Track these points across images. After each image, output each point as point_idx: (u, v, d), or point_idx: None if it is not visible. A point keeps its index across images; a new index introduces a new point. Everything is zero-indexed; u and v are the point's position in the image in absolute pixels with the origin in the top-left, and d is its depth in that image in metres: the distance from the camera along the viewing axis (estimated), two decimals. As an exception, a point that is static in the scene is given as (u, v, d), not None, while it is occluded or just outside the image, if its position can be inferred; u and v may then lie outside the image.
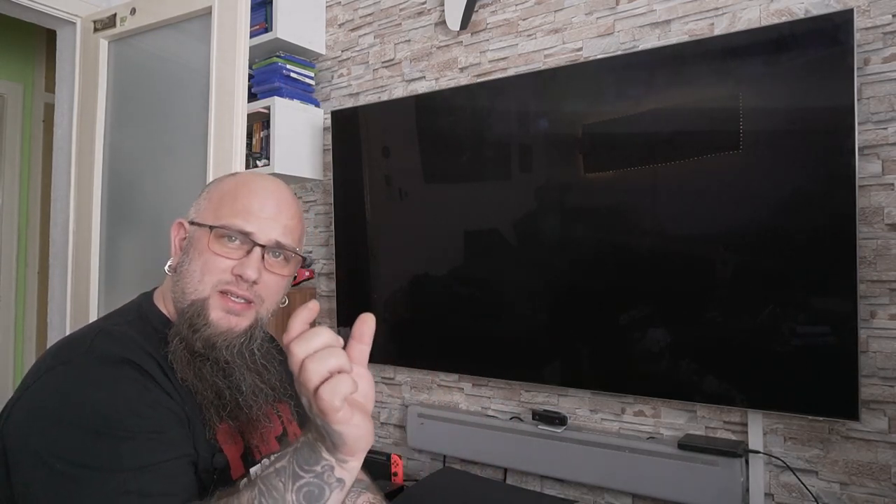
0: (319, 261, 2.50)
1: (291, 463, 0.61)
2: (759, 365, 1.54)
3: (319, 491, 0.61)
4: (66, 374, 0.70)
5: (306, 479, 0.61)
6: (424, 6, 2.24)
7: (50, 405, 0.68)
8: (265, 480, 0.62)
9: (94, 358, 0.72)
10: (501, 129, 1.95)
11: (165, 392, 0.74)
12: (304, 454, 0.61)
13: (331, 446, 0.61)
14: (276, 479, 0.61)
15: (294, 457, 0.62)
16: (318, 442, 0.61)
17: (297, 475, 0.61)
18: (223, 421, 0.79)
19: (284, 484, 0.60)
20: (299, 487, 0.60)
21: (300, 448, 0.62)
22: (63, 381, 0.70)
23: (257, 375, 0.83)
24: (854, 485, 1.51)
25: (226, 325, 0.80)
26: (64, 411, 0.67)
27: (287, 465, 0.61)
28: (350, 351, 0.61)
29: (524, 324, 1.92)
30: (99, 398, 0.68)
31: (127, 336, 0.77)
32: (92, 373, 0.70)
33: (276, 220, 0.83)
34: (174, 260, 0.85)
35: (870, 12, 1.50)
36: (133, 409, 0.69)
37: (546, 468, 1.87)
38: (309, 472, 0.61)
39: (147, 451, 0.67)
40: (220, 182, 0.87)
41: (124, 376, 0.71)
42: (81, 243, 2.17)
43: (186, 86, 1.97)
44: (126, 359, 0.72)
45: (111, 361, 0.72)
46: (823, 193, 1.47)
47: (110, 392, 0.69)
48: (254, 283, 0.80)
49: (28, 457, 0.66)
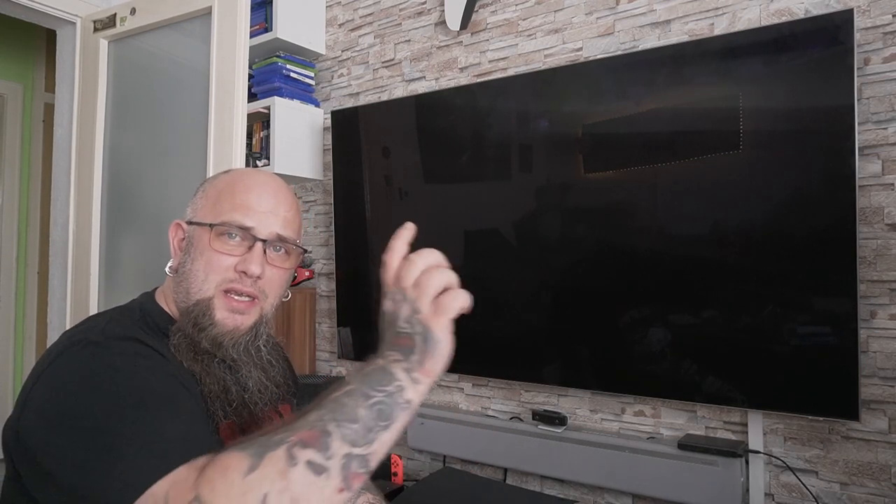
0: (319, 261, 2.50)
1: (362, 385, 0.62)
2: (759, 365, 1.54)
3: (389, 409, 0.62)
4: (84, 350, 0.71)
5: (378, 397, 0.61)
6: (424, 6, 2.24)
7: (70, 378, 0.68)
8: (333, 401, 0.61)
9: (109, 336, 0.72)
10: (501, 129, 1.95)
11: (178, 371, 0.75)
12: (375, 377, 0.62)
13: (412, 361, 0.63)
14: (345, 398, 0.61)
15: (363, 381, 0.62)
16: (394, 363, 0.63)
17: (367, 395, 0.61)
18: (228, 417, 0.79)
19: (356, 401, 0.60)
20: (371, 405, 0.61)
21: (369, 373, 0.63)
22: (82, 356, 0.70)
23: (263, 372, 0.83)
24: (854, 485, 1.51)
25: (231, 325, 0.80)
26: (85, 380, 0.67)
27: (356, 388, 0.61)
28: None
29: (524, 324, 1.92)
30: (118, 365, 0.69)
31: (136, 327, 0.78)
32: (110, 346, 0.71)
33: (274, 213, 0.83)
34: (175, 261, 0.85)
35: (870, 12, 1.50)
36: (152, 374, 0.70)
37: (546, 468, 1.87)
38: (381, 391, 0.62)
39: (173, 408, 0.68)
40: (215, 180, 0.87)
41: (140, 351, 0.72)
42: (81, 243, 2.17)
43: (186, 86, 1.98)
44: (138, 339, 0.74)
45: (126, 339, 0.73)
46: (823, 193, 1.47)
47: (129, 361, 0.70)
48: (258, 278, 0.80)
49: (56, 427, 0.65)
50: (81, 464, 0.63)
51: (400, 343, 0.64)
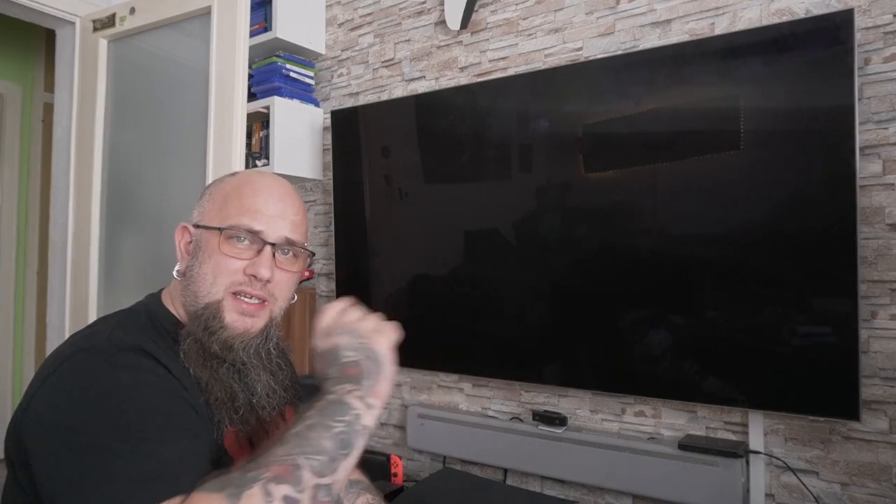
0: (319, 261, 2.50)
1: (321, 418, 0.67)
2: (759, 365, 1.54)
3: (350, 438, 0.67)
4: (88, 359, 0.71)
5: (339, 427, 0.67)
6: (424, 6, 2.24)
7: (74, 387, 0.68)
8: (297, 435, 0.65)
9: (115, 345, 0.72)
10: (501, 128, 1.95)
11: (182, 384, 0.75)
12: (331, 409, 0.68)
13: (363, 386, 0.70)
14: (308, 432, 0.66)
15: (321, 414, 0.68)
16: (347, 395, 0.69)
17: (329, 426, 0.66)
18: (233, 424, 0.78)
19: (319, 434, 0.66)
20: (333, 435, 0.66)
21: (325, 406, 0.68)
22: (85, 365, 0.70)
23: (272, 376, 0.83)
24: (855, 485, 1.51)
25: (242, 328, 0.80)
26: (88, 390, 0.67)
27: (317, 422, 0.67)
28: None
29: (524, 324, 1.92)
30: (122, 380, 0.69)
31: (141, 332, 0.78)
32: (115, 357, 0.71)
33: (282, 216, 0.83)
34: (182, 264, 0.85)
35: (870, 12, 1.50)
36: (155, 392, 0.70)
37: (546, 469, 1.87)
38: (341, 421, 0.67)
39: (172, 427, 0.68)
40: (222, 182, 0.87)
41: (144, 365, 0.72)
42: (81, 243, 2.17)
43: (186, 85, 1.97)
44: (144, 349, 0.73)
45: (132, 349, 0.73)
46: (824, 193, 1.47)
47: (132, 375, 0.70)
48: (267, 281, 0.80)
49: (52, 436, 0.66)
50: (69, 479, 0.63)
51: (349, 373, 0.71)
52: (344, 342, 0.73)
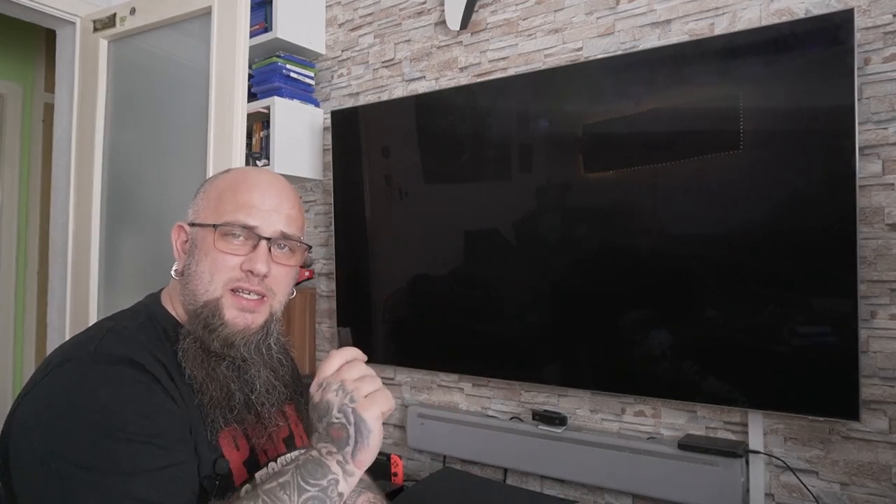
0: (319, 261, 2.50)
1: (295, 477, 0.66)
2: (759, 365, 1.54)
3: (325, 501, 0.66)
4: (71, 372, 0.70)
5: (312, 492, 0.65)
6: (424, 6, 2.24)
7: (53, 403, 0.68)
8: (269, 493, 0.65)
9: (100, 357, 0.72)
10: (501, 129, 1.95)
11: (170, 396, 0.73)
12: (309, 469, 0.67)
13: (346, 453, 0.68)
14: (280, 491, 0.65)
15: (298, 472, 0.66)
16: (328, 456, 0.68)
17: (302, 489, 0.65)
18: (228, 424, 0.78)
19: (289, 496, 0.64)
20: (304, 500, 0.65)
21: (304, 464, 0.67)
22: (68, 379, 0.70)
23: (272, 372, 0.83)
24: (854, 485, 1.51)
25: (242, 324, 0.80)
26: (66, 410, 0.67)
27: (291, 480, 0.65)
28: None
29: (524, 324, 1.92)
30: (102, 398, 0.68)
31: (134, 338, 0.77)
32: (97, 371, 0.70)
33: (277, 211, 0.82)
34: (179, 264, 0.85)
35: (870, 12, 1.50)
36: (136, 410, 0.69)
37: (546, 468, 1.87)
38: (314, 485, 0.66)
39: (147, 455, 0.67)
40: (215, 180, 0.87)
41: (129, 377, 0.71)
42: (81, 243, 2.17)
43: (186, 86, 1.97)
44: (131, 360, 0.72)
45: (116, 361, 0.72)
46: (824, 193, 1.47)
47: (114, 392, 0.69)
48: (264, 276, 0.80)
49: (28, 454, 0.66)
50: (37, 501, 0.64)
51: (334, 435, 0.69)
52: (336, 401, 0.69)
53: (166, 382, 0.74)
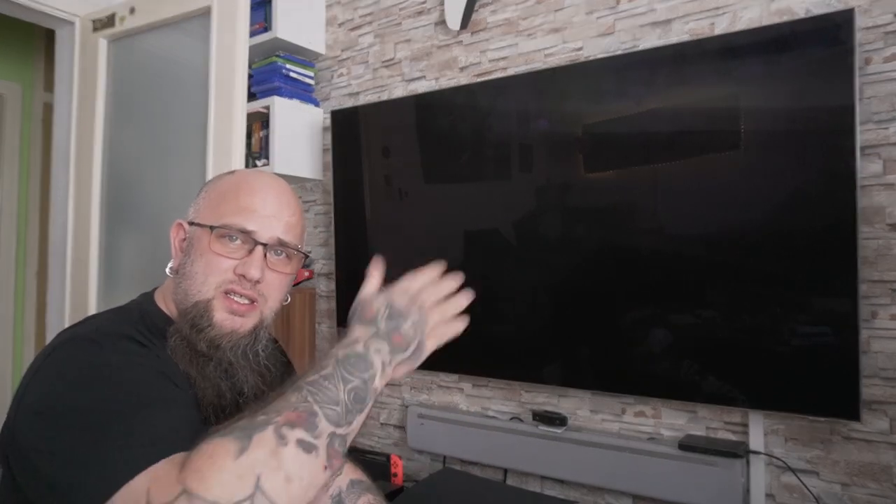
0: (319, 261, 2.50)
1: (338, 370, 0.65)
2: (760, 365, 1.53)
3: (364, 394, 0.66)
4: (79, 346, 0.71)
5: (356, 382, 0.65)
6: (424, 6, 2.23)
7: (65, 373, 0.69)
8: (312, 384, 0.64)
9: (104, 334, 0.73)
10: (501, 128, 1.95)
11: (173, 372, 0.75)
12: (352, 362, 0.66)
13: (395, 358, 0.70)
14: (324, 381, 0.64)
15: (341, 365, 0.66)
16: (375, 353, 0.68)
17: (346, 379, 0.65)
18: (220, 422, 0.78)
19: (335, 385, 0.64)
20: (350, 389, 0.65)
21: (346, 359, 0.66)
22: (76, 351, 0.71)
23: (260, 378, 0.83)
24: (855, 485, 1.50)
25: (230, 327, 0.79)
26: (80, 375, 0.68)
27: (333, 372, 0.65)
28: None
29: (524, 324, 1.91)
30: (114, 362, 0.69)
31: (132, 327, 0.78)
32: (104, 344, 0.71)
33: (277, 217, 0.82)
34: (175, 261, 0.85)
35: (871, 12, 1.50)
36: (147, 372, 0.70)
37: (546, 469, 1.87)
38: (358, 376, 0.66)
39: (164, 399, 0.69)
40: (218, 181, 0.86)
41: (134, 350, 0.73)
42: (80, 243, 2.16)
43: (186, 85, 1.97)
44: (133, 338, 0.74)
45: (121, 336, 0.73)
46: (824, 193, 1.46)
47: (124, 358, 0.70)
48: (257, 282, 0.80)
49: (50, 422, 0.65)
50: (66, 458, 0.62)
51: (395, 340, 0.70)
52: (411, 317, 0.71)
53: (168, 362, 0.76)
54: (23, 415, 0.68)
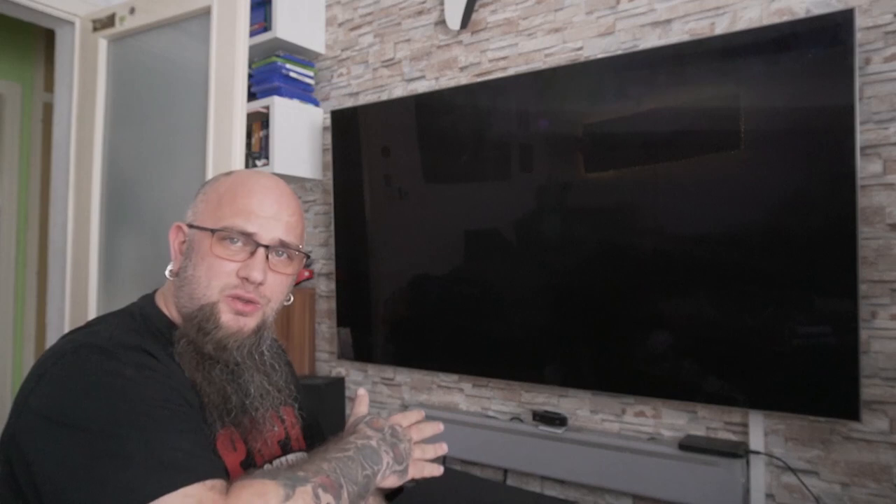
0: (319, 261, 2.50)
1: (358, 456, 0.76)
2: (760, 365, 1.53)
3: (370, 484, 0.77)
4: (91, 355, 0.70)
5: (368, 471, 0.76)
6: (424, 5, 2.23)
7: (78, 381, 0.68)
8: (339, 461, 0.73)
9: (116, 343, 0.72)
10: (501, 128, 1.95)
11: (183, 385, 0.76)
12: (368, 454, 0.77)
13: (394, 465, 0.82)
14: (348, 462, 0.74)
15: (359, 453, 0.76)
16: (385, 453, 0.80)
17: (364, 465, 0.76)
18: (225, 426, 0.78)
19: (357, 469, 0.74)
20: (364, 476, 0.75)
21: (363, 448, 0.77)
22: (88, 360, 0.70)
23: (265, 377, 0.83)
24: (855, 485, 1.50)
25: (235, 327, 0.79)
26: (93, 384, 0.67)
27: (355, 457, 0.75)
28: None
29: (524, 324, 1.91)
30: (127, 374, 0.69)
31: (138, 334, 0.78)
32: (118, 354, 0.71)
33: (277, 218, 0.82)
34: (175, 264, 0.84)
35: (871, 12, 1.50)
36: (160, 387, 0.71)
37: (546, 469, 1.87)
38: (370, 467, 0.77)
39: (182, 418, 0.70)
40: (216, 182, 0.86)
41: (147, 363, 0.73)
42: (80, 243, 2.16)
43: (185, 85, 1.97)
44: (146, 350, 0.74)
45: (132, 348, 0.73)
46: (824, 193, 1.47)
47: (137, 371, 0.70)
48: (260, 284, 0.79)
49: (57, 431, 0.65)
50: (78, 468, 0.62)
51: (395, 453, 0.83)
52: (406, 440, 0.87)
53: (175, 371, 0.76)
54: (28, 417, 0.68)
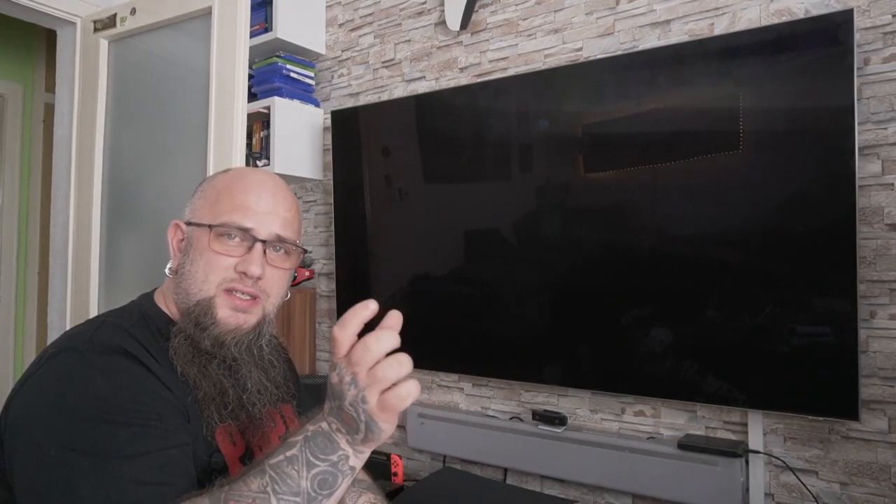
0: (319, 261, 2.50)
1: (304, 452, 0.63)
2: (759, 365, 1.54)
3: (333, 478, 0.63)
4: (66, 361, 0.71)
5: (322, 467, 0.63)
6: (424, 6, 2.24)
7: (49, 392, 0.69)
8: (275, 468, 0.62)
9: (95, 347, 0.72)
10: (501, 129, 1.95)
11: (164, 384, 0.74)
12: (318, 442, 0.63)
13: (355, 438, 0.63)
14: (287, 466, 0.62)
15: (307, 446, 0.63)
16: (337, 432, 0.63)
17: (311, 463, 0.62)
18: (223, 421, 0.78)
19: (298, 471, 0.62)
20: (314, 475, 0.62)
21: (313, 437, 0.64)
22: (63, 368, 0.70)
23: (263, 373, 0.83)
24: (854, 485, 1.51)
25: (234, 323, 0.80)
26: (62, 398, 0.68)
27: (299, 454, 0.63)
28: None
29: (524, 324, 1.92)
30: (97, 385, 0.68)
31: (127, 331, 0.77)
32: (91, 360, 0.71)
33: (274, 213, 0.83)
34: (174, 262, 0.85)
35: (870, 12, 1.50)
36: (131, 396, 0.69)
37: (546, 468, 1.87)
38: (324, 460, 0.63)
39: (144, 437, 0.67)
40: (213, 179, 0.87)
41: (123, 366, 0.72)
42: (81, 243, 2.17)
43: (186, 86, 1.97)
44: (126, 350, 0.73)
45: (111, 351, 0.72)
46: (824, 193, 1.47)
47: (109, 379, 0.69)
48: (258, 278, 0.80)
49: (25, 443, 0.67)
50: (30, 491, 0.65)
51: (344, 419, 0.63)
52: (348, 395, 0.61)
53: (159, 372, 0.75)
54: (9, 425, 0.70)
